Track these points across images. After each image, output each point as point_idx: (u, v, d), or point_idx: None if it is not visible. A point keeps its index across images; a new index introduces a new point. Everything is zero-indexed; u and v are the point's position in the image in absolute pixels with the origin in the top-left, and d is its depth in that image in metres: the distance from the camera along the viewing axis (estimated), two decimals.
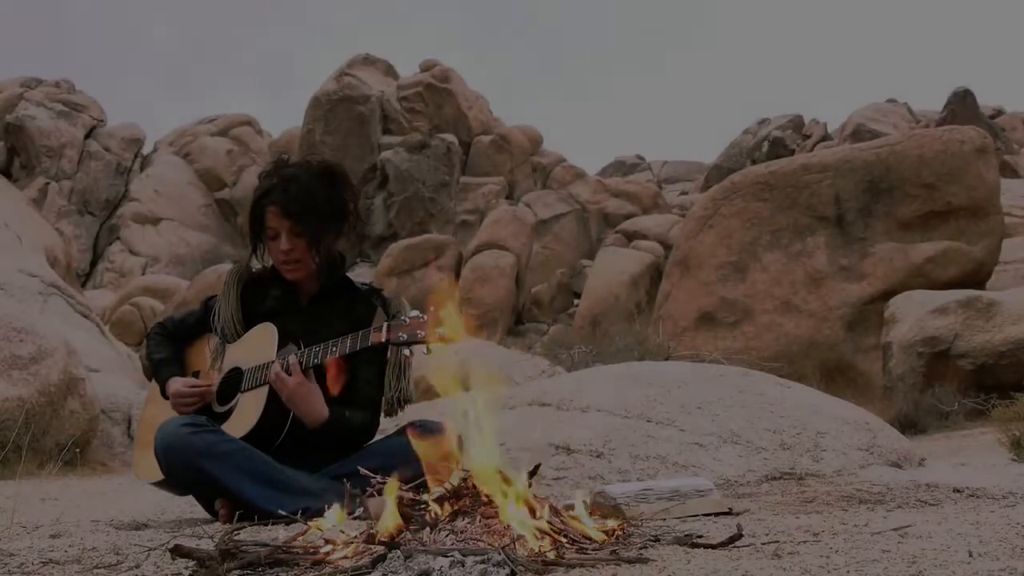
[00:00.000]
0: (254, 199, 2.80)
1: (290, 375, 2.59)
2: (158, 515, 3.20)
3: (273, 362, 2.66)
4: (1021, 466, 4.04)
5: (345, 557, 1.68)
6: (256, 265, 2.97)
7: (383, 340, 2.49)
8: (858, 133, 29.93)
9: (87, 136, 32.54)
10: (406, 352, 2.70)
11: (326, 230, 2.77)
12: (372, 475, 2.09)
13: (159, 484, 2.77)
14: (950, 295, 8.93)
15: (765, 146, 34.03)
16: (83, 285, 23.78)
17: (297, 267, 2.78)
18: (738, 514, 2.45)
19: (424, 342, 2.42)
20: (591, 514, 2.01)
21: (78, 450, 6.52)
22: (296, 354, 2.64)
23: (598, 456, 3.54)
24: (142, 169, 32.94)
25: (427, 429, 2.75)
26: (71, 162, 31.51)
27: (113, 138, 32.98)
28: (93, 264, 30.18)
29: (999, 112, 36.52)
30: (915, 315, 8.87)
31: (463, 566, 1.52)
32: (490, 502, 1.81)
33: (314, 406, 2.62)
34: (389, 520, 1.73)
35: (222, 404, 2.79)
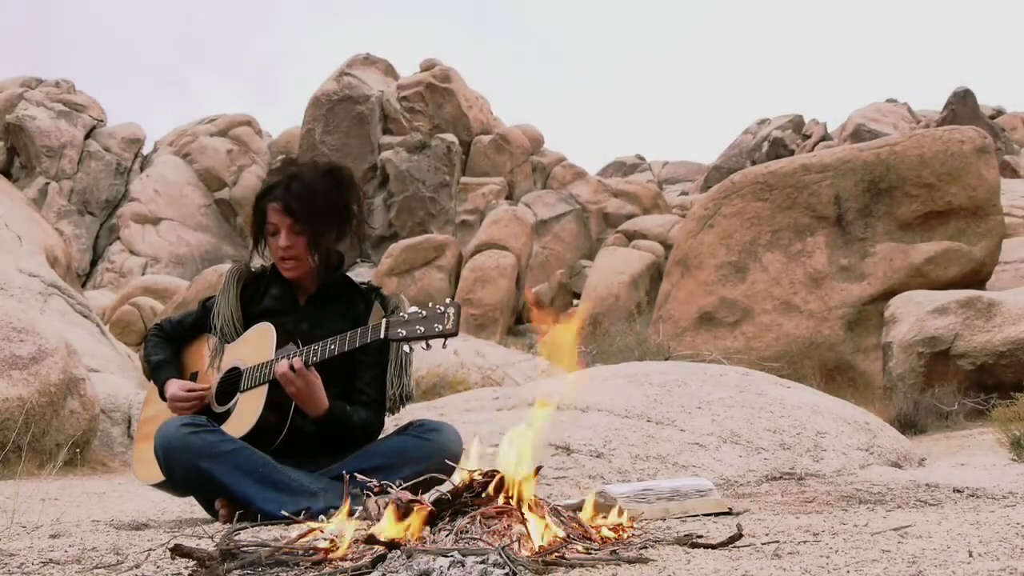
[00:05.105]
0: (257, 195, 2.83)
1: (296, 373, 2.59)
2: (158, 515, 3.20)
3: (273, 361, 2.66)
4: (1021, 466, 4.04)
5: (345, 557, 1.68)
6: (256, 263, 2.97)
7: (400, 336, 2.44)
8: (858, 133, 29.96)
9: (87, 136, 32.57)
10: (406, 349, 2.69)
11: (326, 230, 2.77)
12: (368, 478, 2.09)
13: (159, 485, 2.76)
14: (950, 295, 8.92)
15: (765, 146, 34.05)
16: (83, 285, 23.77)
17: (295, 265, 2.78)
18: (738, 514, 2.45)
19: (446, 336, 2.39)
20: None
21: (78, 450, 6.51)
22: (295, 352, 2.64)
23: (598, 456, 3.54)
24: (142, 169, 32.95)
25: (429, 429, 2.76)
26: (71, 162, 31.53)
27: (113, 138, 33.00)
28: (93, 264, 30.19)
29: (999, 112, 36.55)
30: (915, 315, 8.87)
31: (463, 566, 1.52)
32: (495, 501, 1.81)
33: (319, 399, 2.63)
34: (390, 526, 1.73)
35: (221, 404, 2.78)
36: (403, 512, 1.77)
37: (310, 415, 2.64)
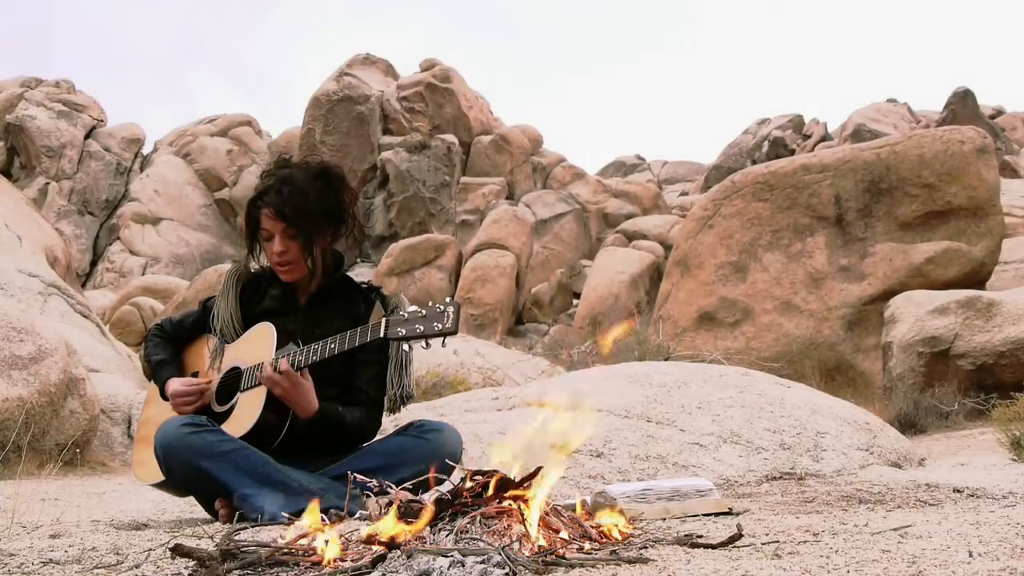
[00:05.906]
0: (250, 200, 2.82)
1: (280, 374, 2.59)
2: (158, 515, 3.20)
3: (273, 361, 2.66)
4: (1021, 466, 4.04)
5: (345, 558, 1.68)
6: (254, 265, 2.97)
7: (400, 335, 2.42)
8: (858, 133, 29.95)
9: (87, 136, 32.55)
10: (406, 348, 2.69)
11: (320, 232, 2.76)
12: (368, 478, 2.09)
13: (159, 485, 2.77)
14: (950, 295, 8.91)
15: (765, 146, 34.03)
16: (83, 285, 23.77)
17: (291, 269, 2.78)
18: (738, 514, 2.45)
19: (446, 334, 2.37)
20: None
21: (78, 450, 6.51)
22: (295, 352, 2.64)
23: (598, 456, 3.54)
24: (142, 169, 32.94)
25: (429, 429, 2.76)
26: (71, 162, 31.51)
27: (113, 138, 32.98)
28: (93, 264, 30.17)
29: (999, 112, 36.51)
30: (915, 315, 8.86)
31: (463, 566, 1.52)
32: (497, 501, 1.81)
33: (307, 401, 2.62)
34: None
35: (221, 404, 2.78)
36: (407, 512, 1.77)
37: (300, 416, 2.64)
